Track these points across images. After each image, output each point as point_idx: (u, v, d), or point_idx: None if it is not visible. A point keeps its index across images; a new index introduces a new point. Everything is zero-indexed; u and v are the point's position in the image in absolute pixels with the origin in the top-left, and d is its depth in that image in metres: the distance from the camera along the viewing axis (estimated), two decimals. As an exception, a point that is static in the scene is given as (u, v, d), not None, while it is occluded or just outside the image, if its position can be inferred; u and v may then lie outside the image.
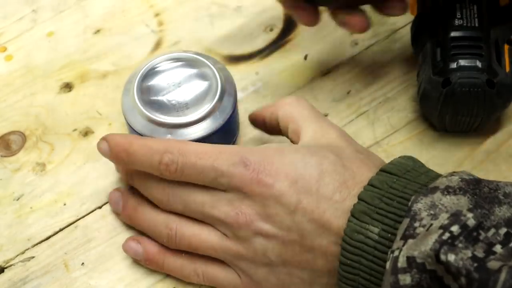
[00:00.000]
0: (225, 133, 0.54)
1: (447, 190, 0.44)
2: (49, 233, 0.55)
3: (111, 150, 0.51)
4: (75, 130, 0.60)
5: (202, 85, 0.54)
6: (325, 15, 0.58)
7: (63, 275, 0.54)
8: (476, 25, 0.55)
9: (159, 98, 0.53)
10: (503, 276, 0.38)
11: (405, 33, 0.64)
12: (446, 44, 0.55)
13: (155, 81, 0.54)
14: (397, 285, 0.42)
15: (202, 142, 0.52)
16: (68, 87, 0.63)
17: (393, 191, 0.46)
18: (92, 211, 0.56)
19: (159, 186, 0.51)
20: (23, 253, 0.55)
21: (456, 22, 0.56)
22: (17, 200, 0.57)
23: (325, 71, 0.63)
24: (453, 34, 0.55)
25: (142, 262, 0.53)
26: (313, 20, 0.57)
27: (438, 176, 0.47)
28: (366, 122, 0.60)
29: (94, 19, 0.66)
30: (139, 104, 0.53)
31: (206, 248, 0.50)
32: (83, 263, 0.54)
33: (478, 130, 0.58)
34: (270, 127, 0.55)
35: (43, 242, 0.55)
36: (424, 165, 0.48)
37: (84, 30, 0.66)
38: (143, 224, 0.53)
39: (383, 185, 0.46)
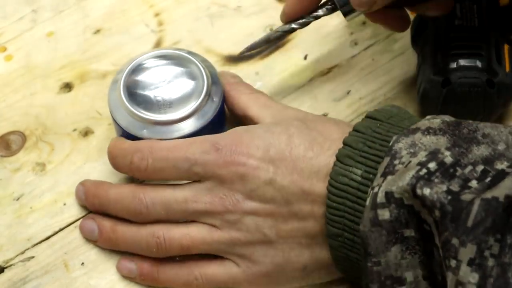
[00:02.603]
0: (212, 131, 0.54)
1: (428, 131, 0.45)
2: (49, 233, 0.55)
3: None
4: (75, 130, 0.60)
5: (188, 83, 0.54)
6: (325, 16, 0.58)
7: (63, 275, 0.54)
8: (476, 25, 0.55)
9: (145, 95, 0.53)
10: (475, 207, 0.39)
11: (405, 33, 0.63)
12: (446, 44, 0.55)
13: (141, 78, 0.54)
14: (376, 220, 0.43)
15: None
16: (68, 87, 0.62)
17: (376, 135, 0.47)
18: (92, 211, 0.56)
19: (135, 199, 0.51)
20: (23, 253, 0.55)
21: (456, 22, 0.56)
22: (17, 200, 0.57)
23: (325, 71, 0.63)
24: (453, 34, 0.55)
25: (137, 280, 0.53)
26: (406, 24, 0.57)
27: (420, 120, 0.48)
28: (366, 122, 0.60)
29: (94, 19, 0.66)
30: (125, 101, 0.53)
31: (199, 245, 0.50)
32: (83, 263, 0.54)
33: (478, 130, 0.58)
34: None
35: (43, 242, 0.55)
36: (408, 112, 0.50)
37: (84, 30, 0.66)
38: (127, 242, 0.52)
39: (367, 130, 0.47)
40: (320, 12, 0.54)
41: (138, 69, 0.55)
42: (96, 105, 0.61)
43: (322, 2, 0.54)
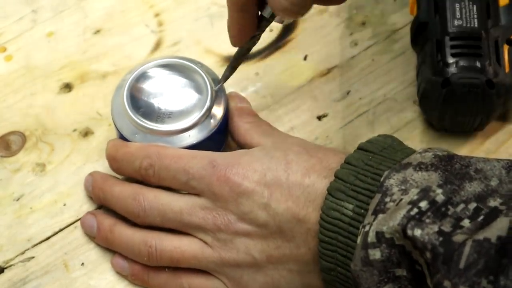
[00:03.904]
0: (213, 142, 0.54)
1: (419, 166, 0.44)
2: (49, 233, 0.55)
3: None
4: (75, 130, 0.60)
5: (192, 94, 0.54)
6: (325, 16, 0.58)
7: (63, 275, 0.54)
8: (476, 25, 0.55)
9: (149, 104, 0.53)
10: (467, 249, 0.39)
11: (405, 33, 0.64)
12: (446, 44, 0.55)
13: (146, 87, 0.54)
14: (367, 260, 0.43)
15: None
16: (68, 87, 0.62)
17: (368, 168, 0.46)
18: (92, 211, 0.56)
19: (134, 201, 0.51)
20: (23, 253, 0.55)
21: (456, 22, 0.56)
22: (17, 200, 0.57)
23: (325, 71, 0.63)
24: (453, 34, 0.55)
25: (129, 278, 0.53)
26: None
27: (414, 152, 0.47)
28: (366, 122, 0.60)
29: (94, 19, 0.66)
30: (128, 110, 0.53)
31: (189, 259, 0.50)
32: (83, 263, 0.54)
33: (478, 130, 0.58)
34: None
35: (43, 242, 0.55)
36: (402, 142, 0.49)
37: (84, 30, 0.66)
38: (121, 245, 0.52)
39: (359, 163, 0.46)
40: (260, 29, 0.52)
41: (142, 77, 0.54)
42: (96, 106, 0.61)
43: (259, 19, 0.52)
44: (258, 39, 0.53)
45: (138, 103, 0.53)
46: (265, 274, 0.49)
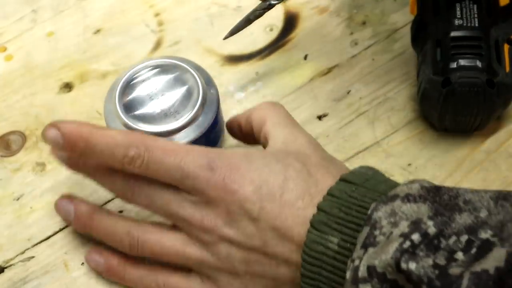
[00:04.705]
0: (207, 141, 0.54)
1: (407, 198, 0.43)
2: (49, 233, 0.55)
3: (65, 139, 0.48)
4: (75, 130, 0.60)
5: (183, 93, 0.54)
6: (325, 15, 0.58)
7: (63, 275, 0.54)
8: (476, 25, 0.55)
9: (141, 106, 0.53)
10: (465, 282, 0.38)
11: (405, 33, 0.64)
12: (446, 44, 0.55)
13: (137, 89, 0.54)
14: None
15: None
16: (68, 87, 0.63)
17: (352, 200, 0.45)
18: (92, 211, 0.56)
19: (124, 179, 0.49)
20: (23, 253, 0.55)
21: (456, 22, 0.56)
22: (17, 200, 0.57)
23: (325, 70, 0.63)
24: (453, 34, 0.55)
25: (103, 275, 0.52)
26: None
27: (397, 184, 0.46)
28: (366, 122, 0.60)
29: (94, 19, 0.66)
30: (120, 113, 0.53)
31: (170, 254, 0.49)
32: (83, 263, 0.54)
33: (478, 130, 0.58)
34: (245, 133, 0.55)
35: (43, 242, 0.55)
36: (383, 174, 0.48)
37: (84, 30, 0.66)
38: (101, 232, 0.51)
39: (342, 194, 0.45)
40: None
41: (133, 79, 0.54)
42: (96, 105, 0.61)
43: None
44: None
45: (130, 106, 0.53)
46: (241, 282, 0.48)
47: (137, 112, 0.53)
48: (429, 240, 0.41)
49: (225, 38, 0.56)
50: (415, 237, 0.41)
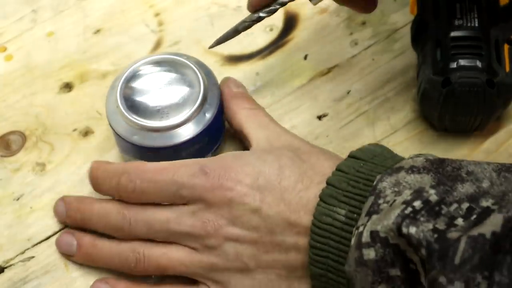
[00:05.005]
0: (208, 137, 0.54)
1: (412, 169, 0.45)
2: (49, 233, 0.55)
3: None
4: (75, 130, 0.60)
5: (185, 89, 0.54)
6: (326, 15, 0.58)
7: (63, 275, 0.54)
8: (476, 25, 0.55)
9: (142, 101, 0.53)
10: (462, 245, 0.39)
11: (405, 33, 0.64)
12: (446, 44, 0.55)
13: (138, 85, 0.54)
14: (362, 260, 0.43)
15: (184, 145, 0.52)
16: (68, 87, 0.63)
17: (360, 175, 0.46)
18: (92, 211, 0.56)
19: (118, 215, 0.50)
20: (23, 253, 0.55)
21: (456, 22, 0.56)
22: (17, 200, 0.57)
23: (325, 71, 0.63)
24: (453, 34, 0.55)
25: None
26: (373, 4, 0.55)
27: (404, 159, 0.47)
28: (366, 122, 0.60)
29: (94, 19, 0.66)
30: (121, 108, 0.53)
31: (176, 266, 0.50)
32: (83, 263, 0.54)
33: (478, 130, 0.58)
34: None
35: (43, 242, 0.55)
36: (392, 151, 0.49)
37: (84, 30, 0.66)
38: (106, 257, 0.52)
39: (350, 170, 0.47)
40: (280, 2, 0.53)
41: (135, 75, 0.54)
42: (96, 105, 0.61)
43: None
44: (274, 12, 0.53)
45: (132, 102, 0.53)
46: (253, 278, 0.49)
47: (139, 109, 0.53)
48: (431, 207, 0.42)
49: (211, 47, 0.55)
50: (417, 203, 0.42)
